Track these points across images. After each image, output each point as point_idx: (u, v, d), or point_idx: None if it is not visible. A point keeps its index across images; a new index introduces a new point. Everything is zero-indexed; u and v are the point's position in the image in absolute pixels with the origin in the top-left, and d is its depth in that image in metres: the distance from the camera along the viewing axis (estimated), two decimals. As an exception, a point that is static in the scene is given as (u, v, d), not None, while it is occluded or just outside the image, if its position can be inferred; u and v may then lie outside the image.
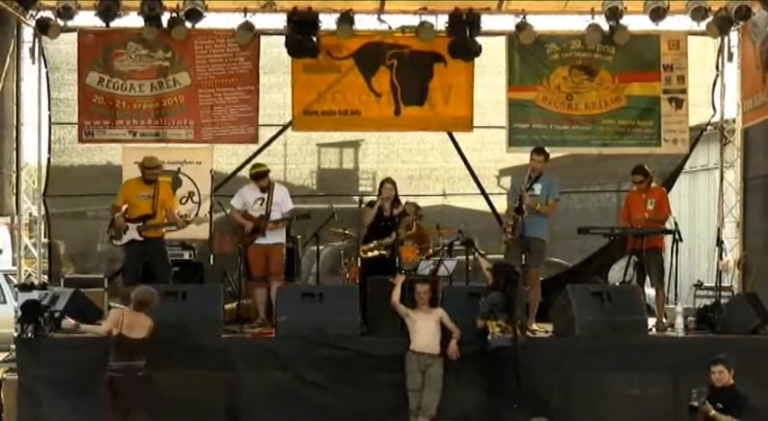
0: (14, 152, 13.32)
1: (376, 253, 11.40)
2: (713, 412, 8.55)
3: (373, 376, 10.14)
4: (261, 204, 11.50)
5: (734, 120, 13.89)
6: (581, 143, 13.81)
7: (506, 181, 14.83)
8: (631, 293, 10.86)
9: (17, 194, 13.41)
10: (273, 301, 10.82)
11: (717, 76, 13.90)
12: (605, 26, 13.18)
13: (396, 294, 10.17)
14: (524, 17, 13.29)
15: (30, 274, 13.55)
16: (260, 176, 11.60)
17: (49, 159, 13.77)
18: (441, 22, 13.22)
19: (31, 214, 14.24)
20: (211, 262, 11.61)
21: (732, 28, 13.35)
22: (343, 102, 13.61)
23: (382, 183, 11.77)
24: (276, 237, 11.54)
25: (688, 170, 15.75)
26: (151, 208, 11.43)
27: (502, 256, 11.60)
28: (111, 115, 13.43)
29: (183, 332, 9.87)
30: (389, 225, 11.52)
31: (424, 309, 10.10)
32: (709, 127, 14.17)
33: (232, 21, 13.25)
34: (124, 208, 11.49)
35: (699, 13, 12.86)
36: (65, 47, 13.55)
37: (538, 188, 11.25)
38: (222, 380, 10.09)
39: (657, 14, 12.82)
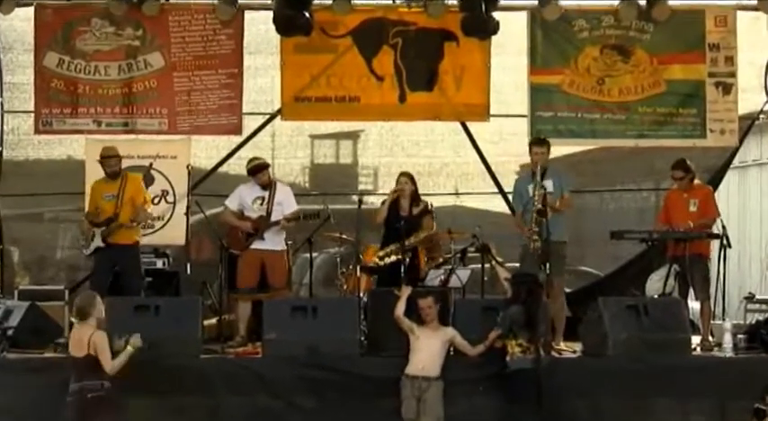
0: (-39, 145, 13.37)
1: (393, 258, 11.44)
2: None
3: (374, 402, 10.17)
4: (261, 204, 11.58)
5: (790, 108, 13.94)
6: (614, 134, 13.83)
7: (528, 178, 14.82)
8: (672, 307, 10.89)
9: (-36, 193, 13.46)
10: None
11: (771, 56, 13.95)
12: (642, 0, 13.20)
13: (400, 307, 10.20)
14: (549, -11, 13.34)
15: (-21, 286, 13.60)
16: (258, 170, 11.67)
17: (0, 152, 13.81)
18: (452, -5, 13.30)
19: (-20, 216, 14.27)
20: (188, 271, 11.64)
21: (789, 2, 13.38)
22: (340, 86, 13.63)
23: (397, 178, 11.91)
24: (277, 243, 11.62)
25: (737, 165, 15.77)
26: (114, 209, 11.48)
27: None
28: (73, 102, 13.46)
29: (156, 352, 9.88)
30: (408, 226, 11.59)
31: (432, 327, 10.13)
32: (761, 115, 14.18)
33: (212, -7, 13.34)
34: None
35: (750, -14, 12.92)
36: (20, 24, 13.58)
37: (549, 185, 11.33)
38: (202, 407, 10.13)
39: (702, -13, 12.87)
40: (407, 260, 11.46)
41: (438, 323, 10.18)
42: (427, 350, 10.01)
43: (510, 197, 14.07)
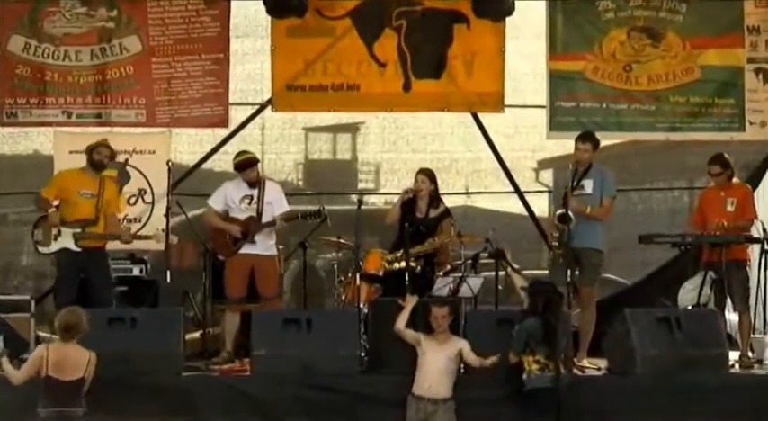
0: None
1: (404, 264, 11.41)
2: None
3: (377, 425, 10.19)
4: (249, 203, 11.57)
5: (840, 97, 13.92)
6: (643, 127, 13.82)
7: (546, 175, 14.87)
8: (708, 319, 10.87)
9: None
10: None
11: (817, 40, 13.93)
12: (673, -23, 13.25)
13: (402, 320, 10.18)
14: (570, -34, 13.39)
15: (-65, 295, 13.59)
16: (247, 165, 11.64)
17: (-41, 147, 13.87)
18: (463, -28, 13.33)
19: (-63, 218, 14.31)
20: (168, 279, 11.63)
21: (836, -21, 13.41)
22: (338, 74, 13.63)
23: (415, 176, 11.89)
24: (268, 247, 11.60)
25: (780, 161, 15.77)
26: (94, 211, 11.44)
27: (541, 272, 11.64)
28: (40, 91, 13.46)
29: (133, 369, 9.88)
30: (424, 230, 11.59)
31: (440, 339, 10.08)
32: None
33: (195, -30, 13.37)
34: (55, 203, 11.48)
35: (792, -38, 12.94)
36: (-20, 5, 13.62)
37: (588, 185, 11.31)
38: (183, 431, 10.15)
39: (741, -37, 12.89)
40: (418, 267, 11.45)
41: (448, 335, 10.14)
42: (432, 365, 9.96)
43: (527, 198, 14.17)
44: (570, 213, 10.96)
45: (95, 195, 11.45)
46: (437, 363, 9.97)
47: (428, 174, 11.91)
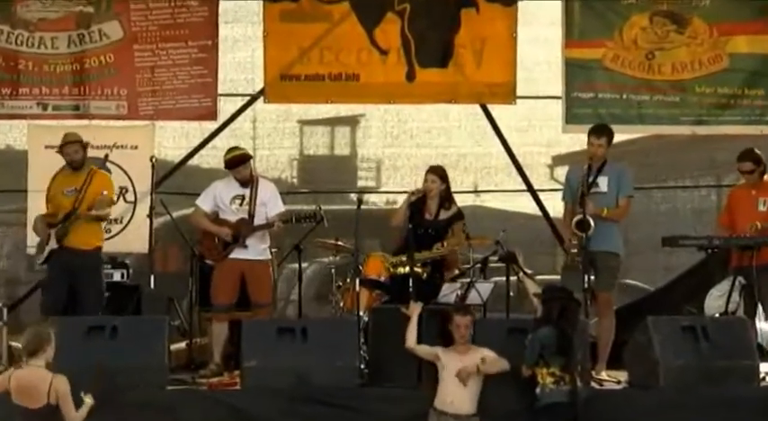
0: None
1: (407, 269, 11.38)
2: None
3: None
4: (241, 204, 11.55)
5: None
6: (666, 120, 13.85)
7: (562, 172, 14.83)
8: (737, 328, 10.87)
9: None
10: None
11: None
12: (700, -42, 13.27)
13: (411, 335, 10.12)
14: (587, -54, 13.40)
15: None
16: (239, 162, 11.61)
17: (-74, 143, 13.89)
18: (471, -48, 13.34)
19: None
20: (152, 284, 11.64)
21: None
22: (336, 62, 13.65)
23: (425, 175, 11.83)
24: (260, 251, 11.58)
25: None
26: (72, 204, 11.46)
27: (556, 277, 11.63)
28: (13, 81, 13.49)
29: (113, 382, 9.86)
30: (433, 233, 11.59)
31: (460, 350, 10.00)
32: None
33: (180, -50, 13.39)
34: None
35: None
36: (-51, -12, 13.63)
37: (603, 183, 11.29)
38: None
39: (772, -59, 12.90)
40: (425, 274, 11.44)
41: (469, 345, 10.06)
42: (453, 379, 9.93)
43: (541, 196, 14.15)
44: (589, 219, 10.95)
45: (78, 190, 11.51)
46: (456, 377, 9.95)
47: (438, 173, 11.84)
